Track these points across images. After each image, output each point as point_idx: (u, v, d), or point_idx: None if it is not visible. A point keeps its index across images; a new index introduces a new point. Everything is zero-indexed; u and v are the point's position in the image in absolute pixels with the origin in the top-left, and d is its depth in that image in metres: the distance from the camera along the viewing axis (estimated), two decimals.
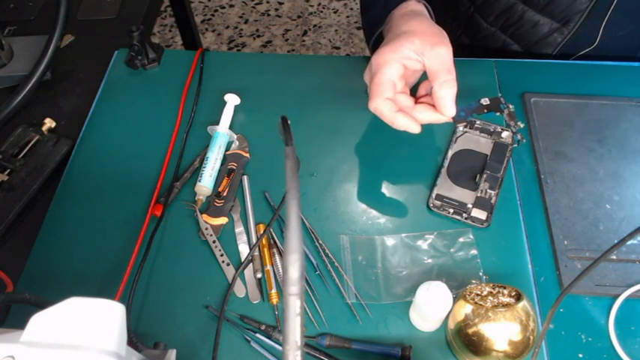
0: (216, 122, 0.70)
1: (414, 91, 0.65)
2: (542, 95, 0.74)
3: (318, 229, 0.63)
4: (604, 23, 0.77)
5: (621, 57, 0.80)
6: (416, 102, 0.63)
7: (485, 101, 0.63)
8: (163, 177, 0.67)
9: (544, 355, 0.54)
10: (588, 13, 0.76)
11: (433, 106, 0.61)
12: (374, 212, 0.65)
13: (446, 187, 0.66)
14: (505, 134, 0.70)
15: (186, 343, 0.55)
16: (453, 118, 0.61)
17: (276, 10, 2.25)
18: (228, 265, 0.60)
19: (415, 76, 0.65)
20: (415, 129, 0.60)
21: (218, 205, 0.65)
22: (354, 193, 0.66)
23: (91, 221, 0.64)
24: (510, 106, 0.63)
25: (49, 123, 0.71)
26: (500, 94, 0.62)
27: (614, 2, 0.74)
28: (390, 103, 0.60)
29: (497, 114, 0.63)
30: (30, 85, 0.69)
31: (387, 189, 0.67)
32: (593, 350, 0.55)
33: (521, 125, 0.63)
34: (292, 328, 0.28)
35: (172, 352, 0.44)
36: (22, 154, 0.68)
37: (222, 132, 0.69)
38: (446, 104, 0.59)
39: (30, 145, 0.69)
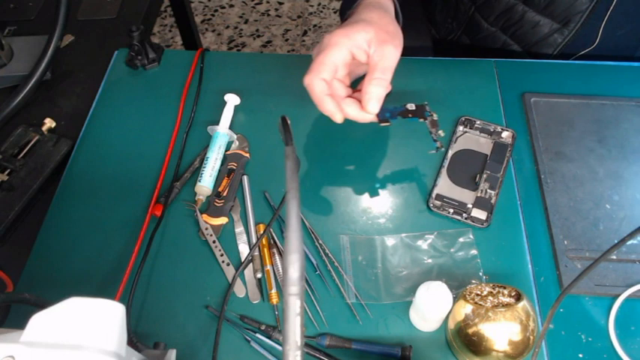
0: (216, 122, 0.70)
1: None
2: (542, 95, 0.74)
3: (318, 229, 0.63)
4: (603, 23, 0.77)
5: (620, 56, 0.80)
6: (351, 95, 0.62)
7: (411, 106, 0.64)
8: (163, 177, 0.67)
9: (544, 355, 0.54)
10: (588, 13, 0.76)
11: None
12: (374, 212, 0.65)
13: (446, 187, 0.66)
14: (505, 134, 0.70)
15: (186, 343, 0.55)
16: (378, 116, 0.60)
17: (276, 10, 2.25)
18: (228, 265, 0.60)
19: (361, 68, 0.64)
20: (338, 118, 0.60)
21: (218, 205, 0.65)
22: (354, 193, 0.66)
23: (91, 221, 0.64)
24: (434, 115, 0.63)
25: (49, 123, 0.71)
26: (426, 102, 0.63)
27: (614, 3, 0.74)
28: (323, 83, 0.59)
29: (421, 120, 0.63)
30: (30, 85, 0.69)
31: (387, 189, 0.67)
32: (593, 350, 0.55)
33: (442, 134, 0.63)
34: (292, 328, 0.28)
35: (172, 352, 0.44)
36: (22, 154, 0.68)
37: (222, 132, 0.69)
38: (369, 99, 0.58)
39: (30, 145, 0.69)
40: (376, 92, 0.58)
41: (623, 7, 0.75)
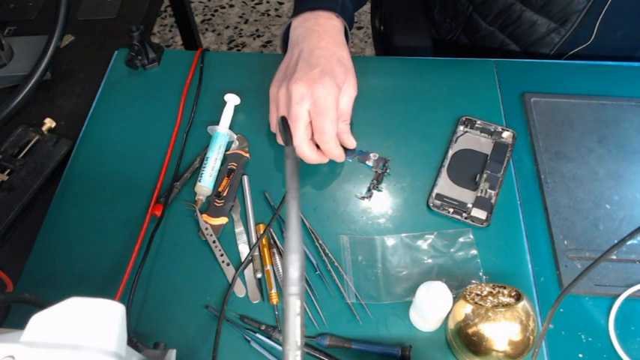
0: (216, 122, 0.70)
1: None
2: (542, 95, 0.74)
3: (318, 229, 0.63)
4: (598, 22, 0.77)
5: (620, 57, 0.80)
6: None
7: (374, 155, 0.69)
8: (163, 177, 0.67)
9: (544, 355, 0.54)
10: (585, 13, 0.76)
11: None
12: (374, 212, 0.65)
13: (446, 187, 0.66)
14: (506, 134, 0.70)
15: (186, 343, 0.55)
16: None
17: (276, 10, 2.25)
18: (228, 265, 0.60)
19: None
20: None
21: (218, 205, 0.65)
22: (354, 193, 0.66)
23: (91, 221, 0.64)
24: (388, 170, 0.68)
25: (49, 123, 0.71)
26: (389, 158, 0.68)
27: (609, 2, 0.74)
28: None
29: (373, 170, 0.68)
30: (30, 85, 0.69)
31: (387, 189, 0.67)
32: (593, 350, 0.55)
33: (380, 188, 0.67)
34: (292, 328, 0.28)
35: (172, 352, 0.44)
36: (22, 154, 0.68)
37: (222, 132, 0.69)
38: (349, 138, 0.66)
39: (30, 145, 0.69)
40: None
41: (620, 8, 0.75)
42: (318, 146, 0.64)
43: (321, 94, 0.59)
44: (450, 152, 0.69)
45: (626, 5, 0.75)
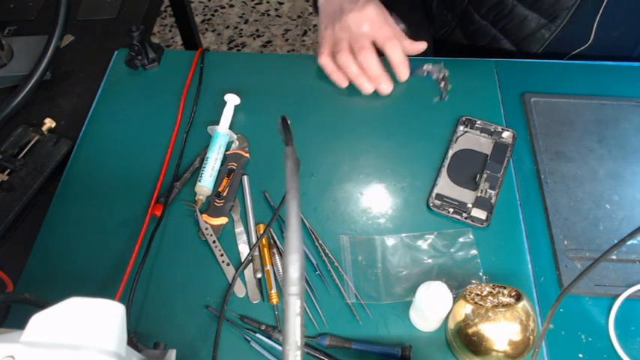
0: (216, 122, 0.70)
1: None
2: (542, 95, 0.74)
3: (318, 229, 0.63)
4: (596, 23, 0.77)
5: (617, 57, 0.80)
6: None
7: (428, 66, 0.76)
8: (163, 177, 0.67)
9: (544, 355, 0.54)
10: (575, 10, 0.76)
11: None
12: (374, 212, 0.65)
13: (446, 187, 0.66)
14: (506, 134, 0.70)
15: (186, 343, 0.55)
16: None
17: (276, 10, 2.25)
18: (228, 265, 0.60)
19: None
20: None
21: (218, 205, 0.65)
22: (354, 193, 0.66)
23: (91, 221, 0.64)
24: (446, 73, 0.75)
25: (49, 123, 0.71)
26: (442, 63, 0.76)
27: (605, 2, 0.74)
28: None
29: (434, 77, 0.75)
30: (30, 85, 0.69)
31: (387, 189, 0.67)
32: (593, 350, 0.55)
33: (449, 88, 0.74)
34: (292, 328, 0.28)
35: (172, 352, 0.44)
36: (22, 154, 0.68)
37: (222, 132, 0.69)
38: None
39: (30, 145, 0.69)
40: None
41: (615, 7, 0.75)
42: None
43: (373, 14, 0.72)
44: (450, 152, 0.69)
45: (622, 5, 0.75)
